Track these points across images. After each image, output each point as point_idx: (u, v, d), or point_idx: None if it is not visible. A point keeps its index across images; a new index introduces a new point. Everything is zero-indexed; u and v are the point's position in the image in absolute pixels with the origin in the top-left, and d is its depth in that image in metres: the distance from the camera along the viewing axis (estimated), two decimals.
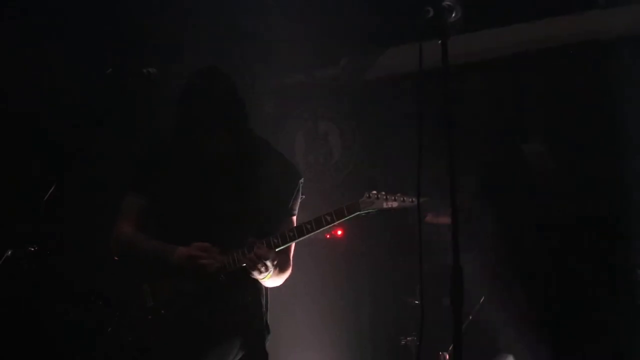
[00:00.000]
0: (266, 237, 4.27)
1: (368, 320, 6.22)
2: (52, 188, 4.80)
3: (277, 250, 4.25)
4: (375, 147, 6.71)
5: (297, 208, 4.51)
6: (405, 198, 4.21)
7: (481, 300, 5.88)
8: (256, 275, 4.21)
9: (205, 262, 4.24)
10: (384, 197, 4.25)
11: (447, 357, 5.85)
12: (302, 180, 4.58)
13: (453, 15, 3.40)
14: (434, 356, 5.80)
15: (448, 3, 3.39)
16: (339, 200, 5.54)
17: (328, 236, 6.47)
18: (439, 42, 3.40)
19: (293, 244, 4.38)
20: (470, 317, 6.06)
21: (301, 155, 7.32)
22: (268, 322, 4.46)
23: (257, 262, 4.15)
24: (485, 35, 6.48)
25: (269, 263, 4.13)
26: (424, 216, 3.87)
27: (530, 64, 6.51)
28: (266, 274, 4.21)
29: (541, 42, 6.55)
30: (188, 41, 6.36)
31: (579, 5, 6.33)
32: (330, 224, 4.29)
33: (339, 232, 6.39)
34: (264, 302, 4.45)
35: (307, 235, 4.28)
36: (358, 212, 4.29)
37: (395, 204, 4.26)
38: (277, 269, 4.27)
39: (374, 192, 4.26)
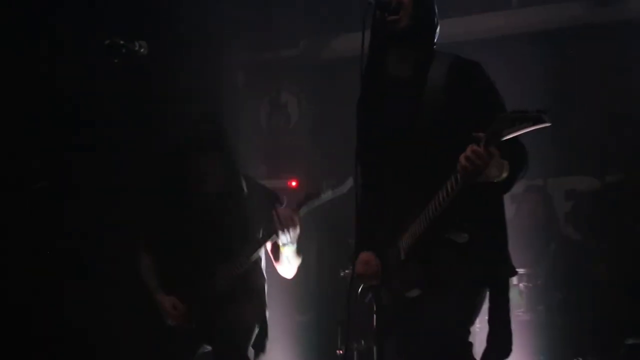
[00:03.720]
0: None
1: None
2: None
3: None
4: (326, 115, 6.74)
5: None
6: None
7: None
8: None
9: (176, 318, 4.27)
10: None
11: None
12: (281, 202, 4.41)
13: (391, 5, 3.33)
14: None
15: None
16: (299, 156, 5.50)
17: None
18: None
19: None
20: None
21: (265, 120, 7.28)
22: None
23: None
24: None
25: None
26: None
27: None
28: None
29: None
30: (164, 15, 5.98)
31: None
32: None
33: (293, 183, 6.38)
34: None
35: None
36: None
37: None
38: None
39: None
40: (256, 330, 4.28)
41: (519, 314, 5.18)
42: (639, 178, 5.96)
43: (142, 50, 4.40)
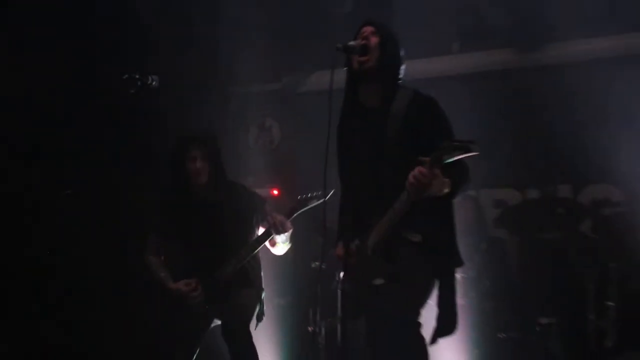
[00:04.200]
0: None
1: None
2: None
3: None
4: (303, 137, 6.78)
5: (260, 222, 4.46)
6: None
7: None
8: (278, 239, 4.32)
9: (192, 298, 4.31)
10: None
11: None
12: (267, 202, 4.56)
13: (355, 50, 3.34)
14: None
15: (352, 42, 3.36)
16: (280, 170, 5.43)
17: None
18: (345, 68, 3.41)
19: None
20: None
21: (253, 140, 7.24)
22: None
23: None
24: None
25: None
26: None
27: None
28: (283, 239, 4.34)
29: None
30: (179, 55, 6.04)
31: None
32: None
33: (275, 192, 6.41)
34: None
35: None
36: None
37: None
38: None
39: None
40: (258, 307, 4.43)
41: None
42: (552, 196, 6.06)
43: (153, 83, 4.42)
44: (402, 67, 3.47)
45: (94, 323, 5.27)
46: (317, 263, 5.20)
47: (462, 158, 3.03)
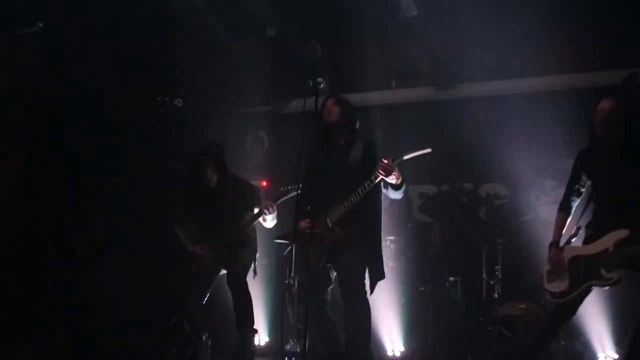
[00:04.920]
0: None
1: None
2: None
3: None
4: (284, 145, 6.81)
5: (254, 207, 4.55)
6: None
7: None
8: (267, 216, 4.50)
9: (205, 256, 4.43)
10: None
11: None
12: (261, 191, 4.75)
13: (322, 85, 3.50)
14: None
15: (320, 79, 3.49)
16: (268, 167, 5.36)
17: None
18: (313, 97, 3.52)
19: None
20: None
21: (250, 146, 7.26)
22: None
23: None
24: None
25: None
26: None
27: None
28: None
29: None
30: (198, 81, 5.83)
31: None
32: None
33: (264, 183, 6.35)
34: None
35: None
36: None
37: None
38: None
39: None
40: (253, 263, 4.63)
41: (389, 262, 5.33)
42: (458, 189, 6.19)
43: (178, 104, 4.41)
44: (357, 123, 3.79)
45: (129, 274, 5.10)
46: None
47: (415, 155, 3.23)
